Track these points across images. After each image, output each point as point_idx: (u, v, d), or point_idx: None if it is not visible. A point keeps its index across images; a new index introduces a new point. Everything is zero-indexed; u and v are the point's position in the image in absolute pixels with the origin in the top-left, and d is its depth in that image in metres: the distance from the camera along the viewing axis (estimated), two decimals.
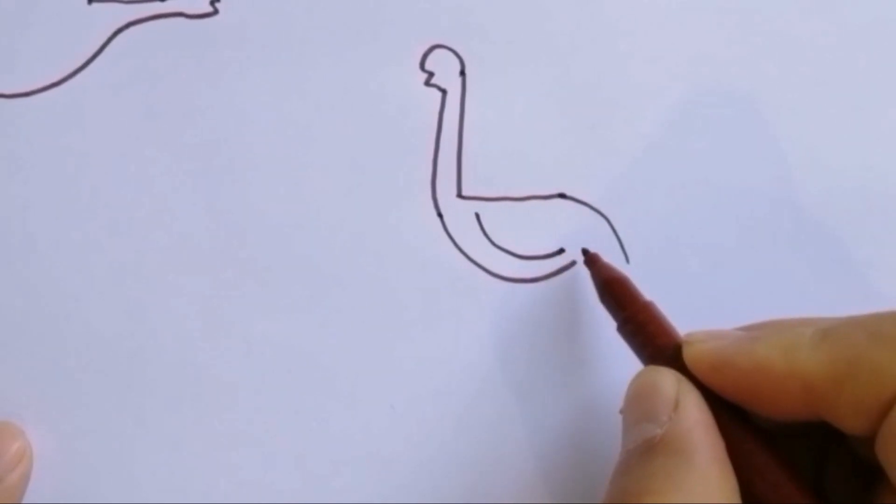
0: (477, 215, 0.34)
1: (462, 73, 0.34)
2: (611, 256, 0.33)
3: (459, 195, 0.34)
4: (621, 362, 0.31)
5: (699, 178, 0.34)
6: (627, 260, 0.34)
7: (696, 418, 0.26)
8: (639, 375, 0.28)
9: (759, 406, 0.27)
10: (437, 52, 0.34)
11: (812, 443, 0.28)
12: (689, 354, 0.28)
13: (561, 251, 0.34)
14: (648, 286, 0.33)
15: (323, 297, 0.33)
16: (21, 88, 0.33)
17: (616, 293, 0.31)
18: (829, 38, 0.35)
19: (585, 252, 0.33)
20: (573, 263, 0.33)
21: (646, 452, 0.26)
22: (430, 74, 0.34)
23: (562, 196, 0.34)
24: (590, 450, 0.33)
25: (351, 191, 0.33)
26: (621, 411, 0.29)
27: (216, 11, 0.33)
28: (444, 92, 0.34)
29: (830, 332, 0.26)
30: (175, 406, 0.32)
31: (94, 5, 0.33)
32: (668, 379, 0.27)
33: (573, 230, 0.34)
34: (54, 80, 0.33)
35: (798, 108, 0.35)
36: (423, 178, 0.33)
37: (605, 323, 0.32)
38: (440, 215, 0.33)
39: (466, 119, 0.34)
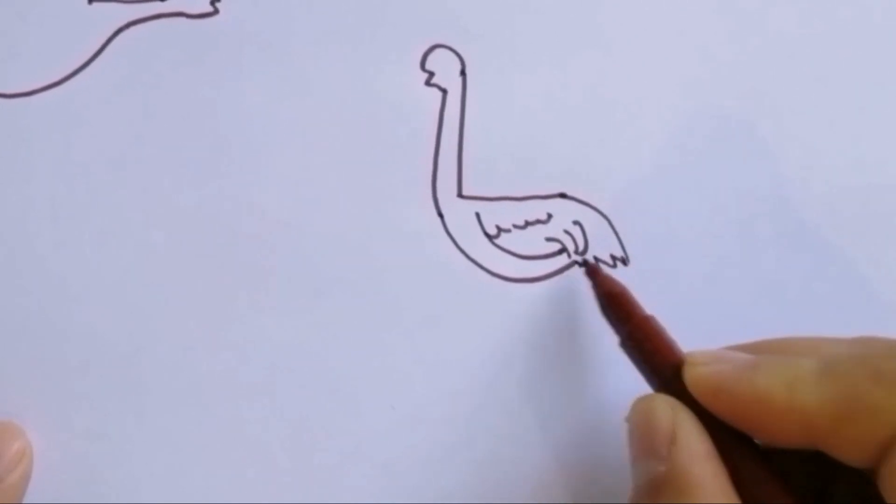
0: (477, 215, 0.34)
1: (462, 72, 0.34)
2: (611, 256, 0.34)
3: (460, 195, 0.34)
4: (621, 363, 0.31)
5: (700, 178, 0.34)
6: (627, 260, 0.34)
7: (695, 451, 0.26)
8: (636, 405, 0.28)
9: (759, 434, 0.27)
10: (438, 51, 0.34)
11: (816, 465, 0.28)
12: (689, 377, 0.28)
13: (562, 251, 0.34)
14: (648, 286, 0.33)
15: (323, 298, 0.33)
16: (21, 88, 0.33)
17: (616, 308, 0.31)
18: (830, 38, 0.35)
19: (586, 263, 0.33)
20: (574, 264, 0.33)
21: (651, 492, 0.26)
22: (431, 74, 0.34)
23: (562, 196, 0.34)
24: (590, 449, 0.33)
25: (351, 191, 0.33)
26: (626, 419, 0.29)
27: (216, 11, 0.33)
28: (444, 91, 0.34)
29: (831, 367, 0.26)
30: (175, 406, 0.32)
31: (95, 5, 0.33)
32: (663, 409, 0.27)
33: (574, 230, 0.34)
34: (54, 80, 0.33)
35: (799, 108, 0.35)
36: (423, 178, 0.33)
37: (604, 324, 0.32)
38: (441, 215, 0.33)
39: (467, 119, 0.34)
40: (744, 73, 0.35)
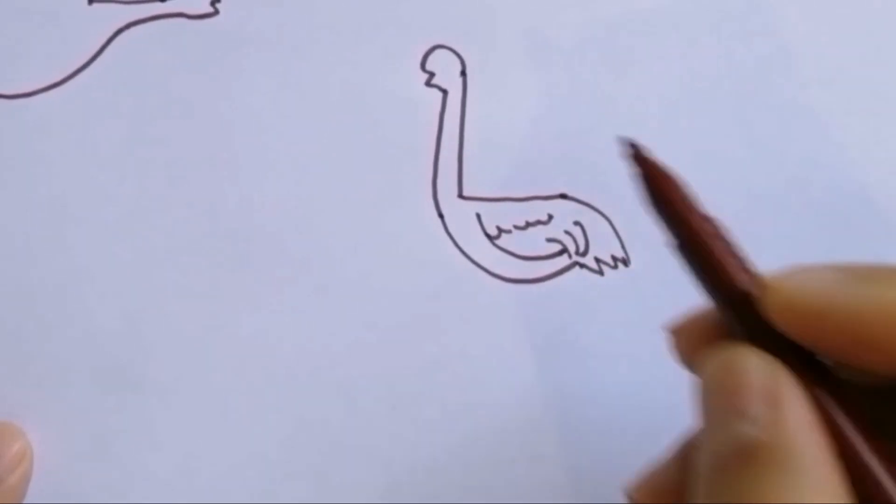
0: (478, 216, 0.34)
1: (463, 73, 0.34)
2: (612, 257, 0.34)
3: (460, 195, 0.34)
4: (622, 362, 0.31)
5: (700, 178, 0.34)
6: (628, 261, 0.34)
7: (800, 419, 0.22)
8: (717, 357, 0.23)
9: (872, 362, 0.22)
10: (438, 52, 0.34)
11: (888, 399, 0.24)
12: (777, 303, 0.23)
13: (562, 252, 0.33)
14: (649, 287, 0.33)
15: (323, 298, 0.33)
16: (21, 88, 0.33)
17: (668, 203, 0.25)
18: (832, 38, 0.35)
19: (632, 145, 0.26)
20: (574, 265, 0.33)
21: (744, 460, 0.21)
22: (431, 75, 0.34)
23: (563, 196, 0.34)
24: (591, 448, 0.33)
25: (352, 191, 0.33)
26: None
27: (216, 12, 0.33)
28: (444, 92, 0.34)
29: None
30: (175, 406, 0.32)
31: (95, 5, 0.33)
32: (758, 364, 0.22)
33: (574, 231, 0.34)
34: (55, 80, 0.33)
35: (800, 108, 0.35)
36: (423, 179, 0.33)
37: (605, 324, 0.32)
38: (441, 216, 0.33)
39: (467, 119, 0.34)
40: (745, 71, 0.35)
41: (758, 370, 0.22)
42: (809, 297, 0.22)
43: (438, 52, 0.34)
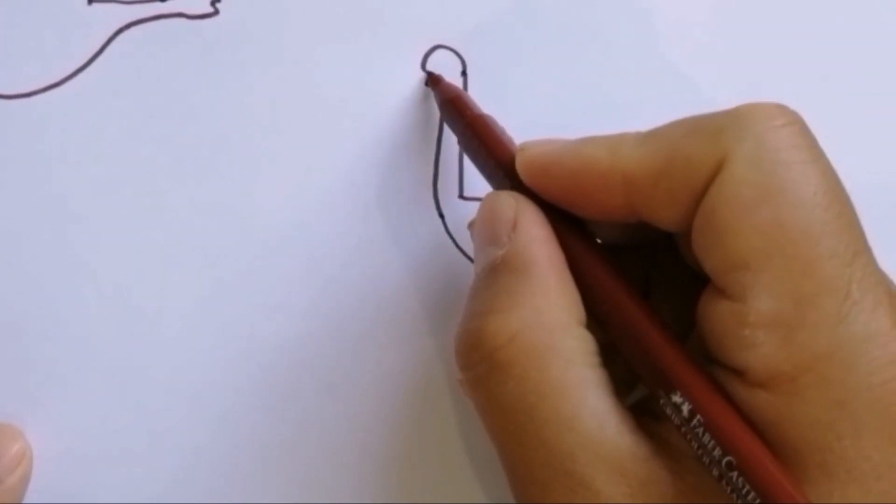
0: None
1: (463, 73, 0.34)
2: None
3: (461, 196, 0.34)
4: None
5: None
6: None
7: (533, 234, 0.27)
8: (482, 202, 0.29)
9: (586, 206, 0.27)
10: (439, 52, 0.34)
11: (643, 259, 0.30)
12: (520, 160, 0.28)
13: None
14: None
15: (323, 298, 0.33)
16: (21, 89, 0.33)
17: (452, 110, 0.32)
18: (831, 38, 0.35)
19: (429, 73, 0.33)
20: None
21: (489, 274, 0.27)
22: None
23: None
24: None
25: (352, 192, 0.33)
26: (470, 225, 0.31)
27: (217, 12, 0.33)
28: None
29: (653, 131, 0.27)
30: (175, 406, 0.32)
31: (95, 5, 0.33)
32: (505, 200, 0.28)
33: None
34: (54, 80, 0.33)
35: (801, 107, 0.35)
36: (424, 179, 0.33)
37: None
38: (441, 216, 0.33)
39: None
40: (746, 72, 0.35)
41: (505, 205, 0.28)
42: (541, 156, 0.28)
43: (439, 51, 0.34)
